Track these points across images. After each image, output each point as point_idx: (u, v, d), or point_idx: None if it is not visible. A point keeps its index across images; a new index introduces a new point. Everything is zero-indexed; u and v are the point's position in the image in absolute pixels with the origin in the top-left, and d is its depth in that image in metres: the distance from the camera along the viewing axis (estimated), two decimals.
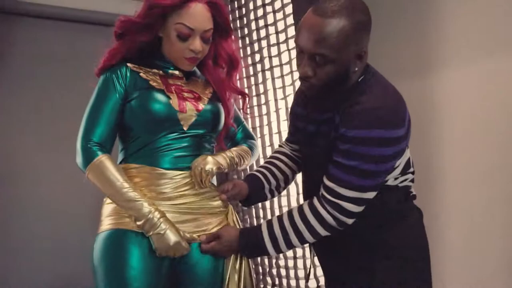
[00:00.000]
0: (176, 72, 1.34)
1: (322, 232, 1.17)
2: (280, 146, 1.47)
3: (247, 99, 1.45)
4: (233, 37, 1.39)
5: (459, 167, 1.90)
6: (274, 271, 2.24)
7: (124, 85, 1.27)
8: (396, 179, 1.22)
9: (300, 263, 2.11)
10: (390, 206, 1.22)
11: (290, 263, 2.15)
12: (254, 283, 1.35)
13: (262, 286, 2.31)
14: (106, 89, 1.26)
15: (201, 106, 1.32)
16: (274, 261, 2.23)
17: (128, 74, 1.28)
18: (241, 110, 1.50)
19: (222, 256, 1.28)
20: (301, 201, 1.76)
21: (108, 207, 1.27)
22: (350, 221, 1.16)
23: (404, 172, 1.22)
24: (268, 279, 2.29)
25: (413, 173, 1.28)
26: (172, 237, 1.20)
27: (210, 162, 1.27)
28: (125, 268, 1.18)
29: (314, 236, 1.18)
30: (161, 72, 1.32)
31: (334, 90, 1.14)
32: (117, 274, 1.18)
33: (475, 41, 1.82)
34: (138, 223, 1.19)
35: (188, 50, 1.28)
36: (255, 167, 2.17)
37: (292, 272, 2.15)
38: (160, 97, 1.27)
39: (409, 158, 1.25)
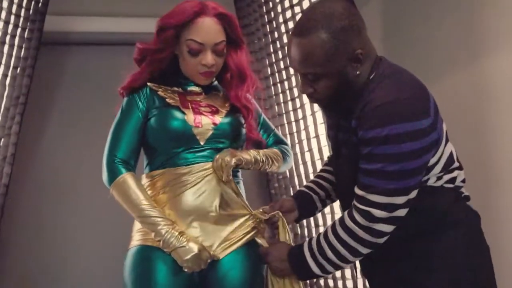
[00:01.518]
0: (195, 89, 1.35)
1: (360, 248, 1.06)
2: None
3: (251, 114, 1.39)
4: (244, 49, 1.36)
5: None
6: (322, 281, 2.12)
7: (145, 104, 1.30)
8: (439, 178, 1.09)
9: (349, 284, 1.97)
10: (437, 211, 1.09)
11: (330, 283, 2.03)
12: None
13: None
14: (129, 108, 1.31)
15: (218, 119, 1.31)
16: (322, 282, 2.11)
17: (148, 93, 1.32)
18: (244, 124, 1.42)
19: (271, 268, 1.21)
20: None
21: (138, 222, 1.28)
22: (386, 228, 1.04)
23: (446, 168, 1.09)
24: None
25: (460, 169, 1.14)
26: (193, 247, 1.18)
27: (230, 154, 1.25)
28: (151, 283, 1.19)
29: (354, 254, 1.07)
30: (180, 89, 1.34)
31: (345, 96, 1.09)
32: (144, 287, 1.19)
33: None
34: (157, 239, 1.19)
35: (201, 65, 1.28)
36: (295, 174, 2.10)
37: (331, 282, 2.02)
38: (176, 113, 1.28)
39: (451, 152, 1.12)
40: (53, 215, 2.35)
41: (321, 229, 2.10)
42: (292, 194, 2.17)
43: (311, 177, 2.09)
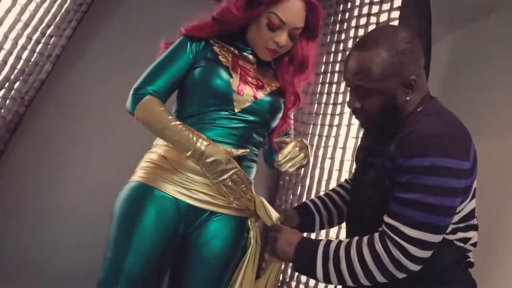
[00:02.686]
0: (250, 56, 1.33)
1: (377, 275, 1.01)
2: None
3: (298, 102, 1.37)
4: (317, 42, 1.34)
5: None
6: (303, 283, 2.15)
7: (195, 53, 1.28)
8: (454, 232, 1.07)
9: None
10: (438, 264, 1.06)
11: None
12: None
13: None
14: (179, 50, 1.28)
15: (260, 94, 1.28)
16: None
17: (203, 45, 1.29)
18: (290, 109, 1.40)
19: (276, 254, 1.18)
20: None
21: (145, 159, 1.28)
22: (412, 267, 1.00)
23: (464, 222, 1.07)
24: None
25: (475, 229, 1.11)
26: (221, 148, 1.17)
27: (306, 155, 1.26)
28: (136, 222, 1.18)
29: (368, 277, 1.02)
30: (236, 51, 1.32)
31: (389, 120, 1.08)
32: (128, 226, 1.19)
33: None
34: (187, 154, 1.17)
35: (273, 41, 1.26)
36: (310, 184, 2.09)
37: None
38: (223, 73, 1.25)
39: (473, 209, 1.09)
40: (68, 123, 2.35)
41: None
42: (300, 194, 2.20)
43: (323, 184, 2.11)
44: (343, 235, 1.94)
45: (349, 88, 1.13)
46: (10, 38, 1.88)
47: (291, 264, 1.27)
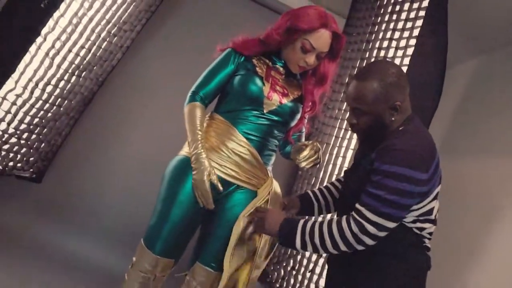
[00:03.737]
0: (281, 68, 1.67)
1: (341, 244, 1.32)
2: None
3: (314, 109, 1.73)
4: (337, 63, 1.68)
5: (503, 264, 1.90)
6: (298, 257, 2.54)
7: (237, 64, 1.64)
8: (414, 222, 1.39)
9: (321, 261, 2.38)
10: (398, 244, 1.39)
11: (313, 257, 2.44)
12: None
13: (284, 264, 2.64)
14: (225, 62, 1.64)
15: (284, 100, 1.64)
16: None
17: (244, 57, 1.65)
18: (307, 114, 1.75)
19: (264, 228, 1.46)
20: None
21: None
22: (368, 241, 1.31)
23: (423, 216, 1.38)
24: (290, 261, 2.60)
25: (433, 223, 1.42)
26: (205, 177, 1.52)
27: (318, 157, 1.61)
28: (181, 185, 1.57)
29: (335, 247, 1.33)
30: (270, 63, 1.67)
31: (377, 134, 1.40)
32: (174, 187, 1.58)
33: None
34: (191, 151, 1.55)
35: (304, 60, 1.61)
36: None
37: (311, 265, 2.43)
38: (258, 81, 1.61)
39: (433, 208, 1.40)
40: (127, 103, 2.83)
41: None
42: (313, 184, 2.58)
43: (333, 178, 2.45)
44: None
45: (349, 107, 1.47)
46: (95, 32, 2.36)
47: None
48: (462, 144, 2.49)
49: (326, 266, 1.64)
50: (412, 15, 2.25)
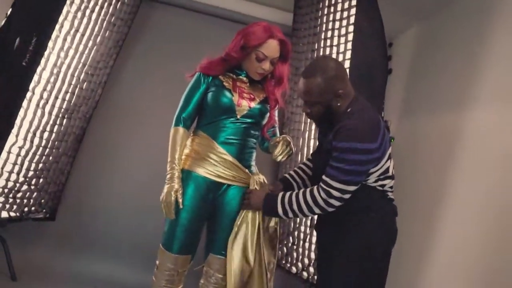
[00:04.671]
0: (244, 78, 1.98)
1: (315, 208, 1.62)
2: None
3: (278, 106, 2.04)
4: (288, 64, 1.99)
5: (469, 206, 2.16)
6: (296, 233, 2.87)
7: (207, 84, 1.95)
8: (376, 181, 1.69)
9: (314, 232, 2.71)
10: (366, 200, 1.69)
11: (308, 230, 2.77)
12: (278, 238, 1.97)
13: (285, 242, 2.97)
14: (196, 84, 1.94)
15: (252, 104, 1.95)
16: (297, 225, 2.86)
17: (211, 76, 1.96)
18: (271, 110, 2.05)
19: (250, 204, 1.81)
20: None
21: (184, 154, 1.95)
22: (336, 203, 1.59)
23: (382, 175, 1.69)
24: (290, 238, 2.94)
25: (391, 178, 1.72)
26: (172, 190, 1.80)
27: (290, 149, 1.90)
28: (183, 194, 1.88)
29: (309, 210, 1.63)
30: (234, 76, 1.99)
31: (329, 118, 1.70)
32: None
33: (508, 86, 2.05)
34: (167, 169, 1.84)
35: (260, 68, 1.91)
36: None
37: (307, 238, 2.76)
38: (227, 93, 1.92)
39: (388, 167, 1.70)
40: (124, 131, 3.09)
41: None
42: (290, 168, 2.90)
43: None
44: None
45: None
46: (75, 76, 2.62)
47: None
48: (417, 104, 2.76)
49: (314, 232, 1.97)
50: (346, 5, 2.58)
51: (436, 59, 2.66)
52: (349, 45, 2.52)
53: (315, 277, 2.63)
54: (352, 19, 2.52)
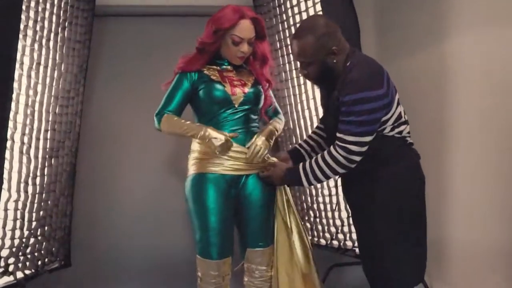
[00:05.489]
0: (228, 67, 1.94)
1: (338, 169, 1.64)
2: (317, 126, 2.01)
3: (271, 85, 2.01)
4: (266, 41, 1.96)
5: (471, 133, 2.18)
6: (315, 206, 2.86)
7: (192, 81, 1.88)
8: (392, 129, 1.68)
9: (334, 199, 2.70)
10: (388, 150, 1.69)
11: (327, 199, 2.76)
12: (298, 214, 1.95)
13: (306, 218, 2.96)
14: (179, 83, 1.89)
15: (246, 89, 1.92)
16: (314, 198, 2.85)
17: (196, 73, 1.89)
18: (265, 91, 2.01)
19: (273, 182, 1.84)
20: None
21: (190, 159, 1.91)
22: (357, 158, 1.61)
23: (396, 122, 1.68)
24: (311, 213, 2.92)
25: (406, 123, 1.72)
26: (221, 136, 1.77)
27: (263, 144, 1.87)
28: (205, 197, 1.83)
29: (333, 172, 1.64)
30: (218, 67, 1.93)
31: (328, 76, 1.68)
32: (201, 202, 1.84)
33: (487, 8, 2.05)
34: (198, 137, 1.80)
35: (240, 51, 1.87)
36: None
37: (328, 207, 2.76)
38: (218, 86, 1.87)
39: (400, 112, 1.70)
40: (111, 153, 2.99)
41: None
42: (296, 142, 2.87)
43: (308, 128, 2.75)
44: None
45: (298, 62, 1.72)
46: (50, 111, 2.45)
47: None
48: (396, 49, 2.76)
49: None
50: None
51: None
52: (319, 6, 2.47)
53: (346, 242, 2.66)
54: None
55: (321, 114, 2.26)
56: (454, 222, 2.36)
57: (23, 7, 2.13)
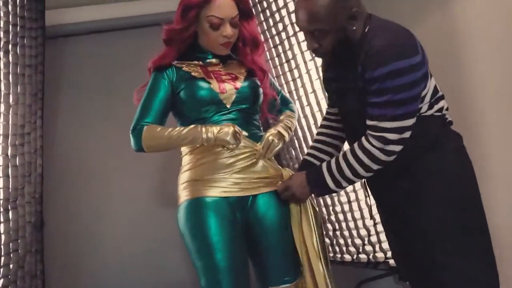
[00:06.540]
0: (213, 60, 1.55)
1: (373, 165, 1.31)
2: (324, 118, 1.63)
3: (266, 75, 1.63)
4: (254, 19, 1.59)
5: (491, 98, 1.90)
6: (333, 217, 2.46)
7: (170, 82, 1.50)
8: (430, 108, 1.35)
9: (355, 205, 2.30)
10: (430, 134, 1.36)
11: (346, 207, 2.35)
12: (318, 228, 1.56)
13: (324, 233, 2.53)
14: (157, 82, 1.51)
15: (239, 84, 1.53)
16: (331, 208, 2.45)
17: (174, 71, 1.51)
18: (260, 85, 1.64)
19: (296, 195, 1.46)
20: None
21: (181, 183, 1.51)
22: (397, 148, 1.29)
23: (434, 97, 1.36)
24: (329, 226, 2.51)
25: (443, 98, 1.41)
26: (228, 129, 1.43)
27: (277, 136, 1.50)
28: (205, 229, 1.43)
29: (367, 170, 1.33)
30: (201, 62, 1.54)
31: (345, 49, 1.32)
32: (201, 235, 1.43)
33: None
34: (200, 142, 1.44)
35: (222, 36, 1.49)
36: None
37: (349, 215, 2.35)
38: (202, 84, 1.49)
39: (435, 85, 1.38)
40: (84, 195, 2.58)
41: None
42: (298, 146, 2.48)
43: (312, 127, 2.36)
44: None
45: (304, 33, 1.33)
46: (1, 155, 2.02)
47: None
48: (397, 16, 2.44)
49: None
50: None
51: None
52: None
53: (377, 254, 2.26)
54: None
55: (324, 110, 1.88)
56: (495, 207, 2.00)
57: None
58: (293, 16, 2.26)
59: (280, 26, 2.35)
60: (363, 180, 1.49)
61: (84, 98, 2.61)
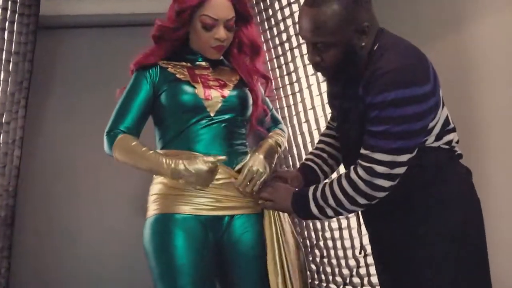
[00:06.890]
0: (203, 63, 1.42)
1: (358, 198, 1.17)
2: (326, 127, 1.50)
3: (270, 83, 1.50)
4: (254, 23, 1.45)
5: (502, 124, 1.82)
6: (321, 243, 2.32)
7: (152, 82, 1.37)
8: (438, 139, 1.21)
9: (346, 233, 2.16)
10: (433, 168, 1.21)
11: (336, 234, 2.22)
12: (302, 255, 1.42)
13: (311, 258, 2.40)
14: (138, 82, 1.37)
15: (226, 92, 1.39)
16: (320, 233, 2.31)
17: (159, 71, 1.38)
18: (265, 93, 1.54)
19: (275, 208, 1.32)
20: None
21: (151, 194, 1.37)
22: (386, 184, 1.15)
23: (444, 129, 1.22)
24: (316, 252, 2.37)
25: (454, 130, 1.27)
26: (201, 166, 1.27)
27: (263, 165, 1.35)
28: (171, 249, 1.28)
29: (352, 203, 1.18)
30: (189, 64, 1.41)
31: (350, 65, 1.18)
32: (166, 255, 1.29)
33: None
34: (167, 176, 1.29)
35: (214, 39, 1.35)
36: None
37: (338, 243, 2.22)
38: (186, 88, 1.35)
39: (447, 116, 1.24)
40: (60, 190, 2.48)
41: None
42: (293, 164, 2.35)
43: (308, 146, 2.25)
44: None
45: (306, 44, 1.19)
46: None
47: None
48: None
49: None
50: None
51: None
52: None
53: None
54: None
55: (323, 128, 1.76)
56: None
57: None
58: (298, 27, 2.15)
59: (284, 36, 2.25)
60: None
61: (73, 92, 2.52)
